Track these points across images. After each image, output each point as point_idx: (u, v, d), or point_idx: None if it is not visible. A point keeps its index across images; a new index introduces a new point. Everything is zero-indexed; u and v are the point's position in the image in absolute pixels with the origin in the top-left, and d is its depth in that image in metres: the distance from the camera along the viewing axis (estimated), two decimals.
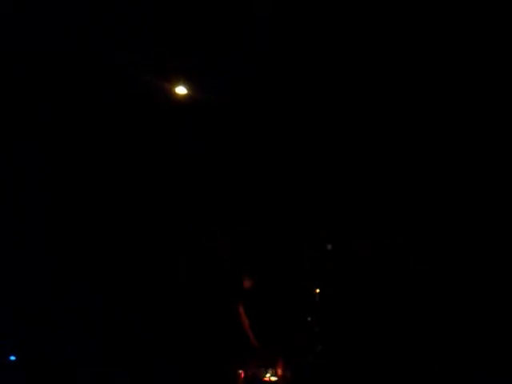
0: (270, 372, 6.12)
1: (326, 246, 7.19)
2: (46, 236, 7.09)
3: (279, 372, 6.13)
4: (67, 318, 6.79)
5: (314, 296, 7.03)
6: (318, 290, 7.03)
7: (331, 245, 7.18)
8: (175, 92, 6.54)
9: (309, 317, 6.92)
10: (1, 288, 6.74)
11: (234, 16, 5.78)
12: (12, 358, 6.53)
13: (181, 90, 6.54)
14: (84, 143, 7.07)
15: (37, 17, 5.70)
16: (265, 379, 6.11)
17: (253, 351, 6.23)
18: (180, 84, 6.48)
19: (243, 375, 6.10)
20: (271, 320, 6.41)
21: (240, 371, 6.11)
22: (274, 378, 6.11)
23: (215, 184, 7.35)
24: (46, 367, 6.48)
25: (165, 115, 6.87)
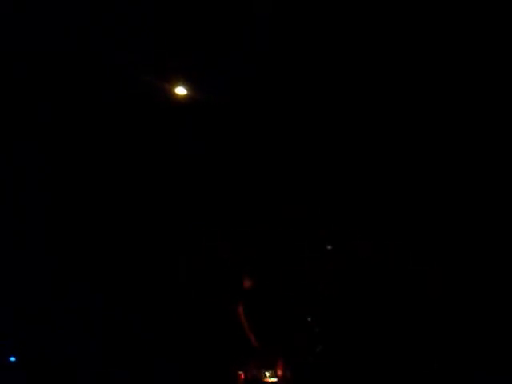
0: (270, 372, 6.12)
1: (326, 246, 7.19)
2: (46, 236, 7.09)
3: (279, 372, 6.12)
4: (67, 318, 6.80)
5: (314, 296, 7.03)
6: (318, 290, 7.03)
7: (331, 245, 7.18)
8: (175, 92, 6.54)
9: (309, 317, 6.92)
10: (1, 288, 6.74)
11: (234, 16, 5.78)
12: (12, 359, 6.54)
13: (180, 91, 6.54)
14: (84, 143, 7.07)
15: (37, 17, 5.70)
16: (265, 380, 6.11)
17: (253, 351, 6.23)
18: (180, 84, 6.48)
19: (243, 376, 6.10)
20: (271, 320, 6.40)
21: (240, 372, 6.11)
22: (274, 379, 6.10)
23: (215, 184, 7.35)
24: (46, 367, 6.49)
25: (165, 115, 6.87)
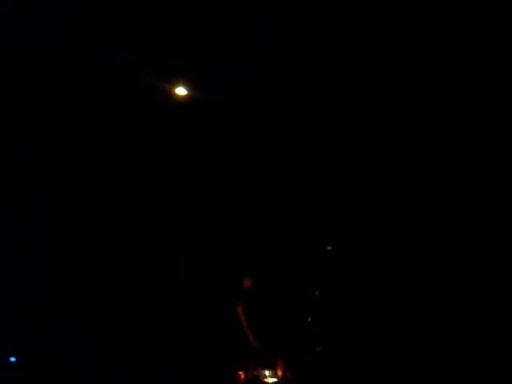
0: (270, 372, 6.12)
1: (326, 246, 7.18)
2: (46, 236, 7.09)
3: (279, 372, 6.12)
4: (67, 318, 6.80)
5: (314, 296, 7.02)
6: (318, 290, 7.03)
7: (331, 245, 7.18)
8: (175, 93, 6.54)
9: (309, 317, 6.92)
10: (1, 288, 6.74)
11: (234, 16, 5.78)
12: (12, 359, 6.54)
13: (181, 91, 6.54)
14: (84, 143, 7.07)
15: (37, 17, 5.71)
16: (265, 380, 6.11)
17: (253, 351, 6.23)
18: (180, 84, 6.48)
19: (243, 376, 6.10)
20: (271, 320, 6.40)
21: (240, 372, 6.11)
22: (274, 379, 6.10)
23: (215, 184, 7.34)
24: (46, 367, 6.49)
25: (165, 116, 6.87)
